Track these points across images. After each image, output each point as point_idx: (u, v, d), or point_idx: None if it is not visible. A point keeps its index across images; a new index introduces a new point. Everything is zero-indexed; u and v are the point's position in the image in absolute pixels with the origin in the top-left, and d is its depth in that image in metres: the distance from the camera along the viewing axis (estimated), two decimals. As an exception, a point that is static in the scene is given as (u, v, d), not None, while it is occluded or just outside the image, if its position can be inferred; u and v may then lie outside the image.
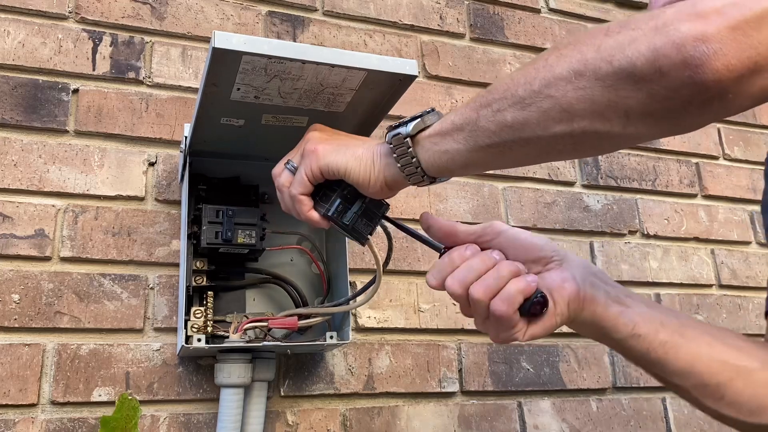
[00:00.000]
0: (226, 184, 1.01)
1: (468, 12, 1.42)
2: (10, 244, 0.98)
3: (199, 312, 0.93)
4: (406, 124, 0.64)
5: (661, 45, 0.47)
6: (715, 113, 0.49)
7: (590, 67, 0.50)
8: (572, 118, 0.52)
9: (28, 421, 0.92)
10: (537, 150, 0.57)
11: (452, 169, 0.64)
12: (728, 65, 0.45)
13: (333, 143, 0.70)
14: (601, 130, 0.52)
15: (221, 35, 0.70)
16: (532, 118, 0.54)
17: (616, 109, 0.50)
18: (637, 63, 0.48)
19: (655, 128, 0.52)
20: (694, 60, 0.45)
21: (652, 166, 1.48)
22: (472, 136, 0.59)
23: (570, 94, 0.52)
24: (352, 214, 0.72)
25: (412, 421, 1.11)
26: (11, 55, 1.05)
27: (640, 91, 0.48)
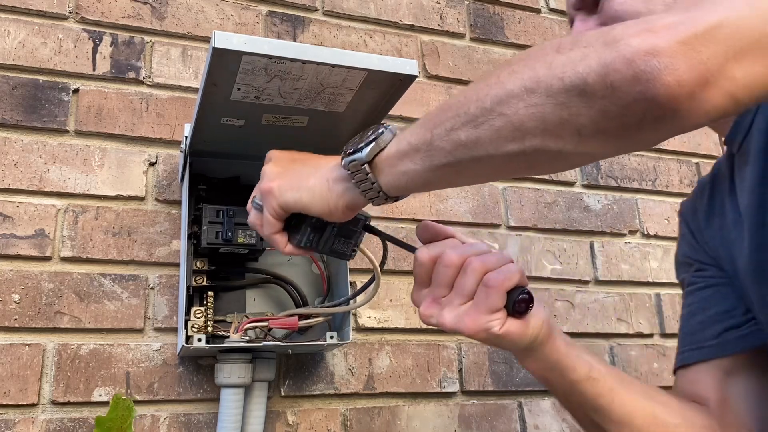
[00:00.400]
0: (226, 184, 1.01)
1: (468, 12, 1.42)
2: (10, 244, 0.98)
3: (199, 312, 0.93)
4: (360, 149, 0.62)
5: (612, 60, 0.46)
6: (669, 130, 0.48)
7: (542, 84, 0.49)
8: (524, 137, 0.51)
9: (29, 421, 0.92)
10: (492, 168, 0.56)
11: (413, 189, 0.63)
12: (679, 80, 0.44)
13: (287, 177, 0.68)
14: (553, 149, 0.51)
15: (221, 35, 0.70)
16: (485, 136, 0.53)
17: (568, 127, 0.49)
18: (588, 79, 0.47)
19: (609, 146, 0.51)
20: (645, 75, 0.44)
21: (653, 166, 1.48)
22: (428, 156, 0.58)
23: (521, 112, 0.50)
24: (325, 240, 0.71)
25: (413, 421, 1.11)
26: (11, 55, 1.05)
27: (592, 108, 0.47)
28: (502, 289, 0.61)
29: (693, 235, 0.88)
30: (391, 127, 0.63)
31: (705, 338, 0.81)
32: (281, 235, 0.70)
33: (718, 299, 0.82)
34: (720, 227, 0.82)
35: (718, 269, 0.83)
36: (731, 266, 0.80)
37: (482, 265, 0.62)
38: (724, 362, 0.79)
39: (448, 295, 0.64)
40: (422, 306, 0.65)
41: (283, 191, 0.67)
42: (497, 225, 1.29)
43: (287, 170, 0.69)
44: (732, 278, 0.81)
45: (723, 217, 0.81)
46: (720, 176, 0.85)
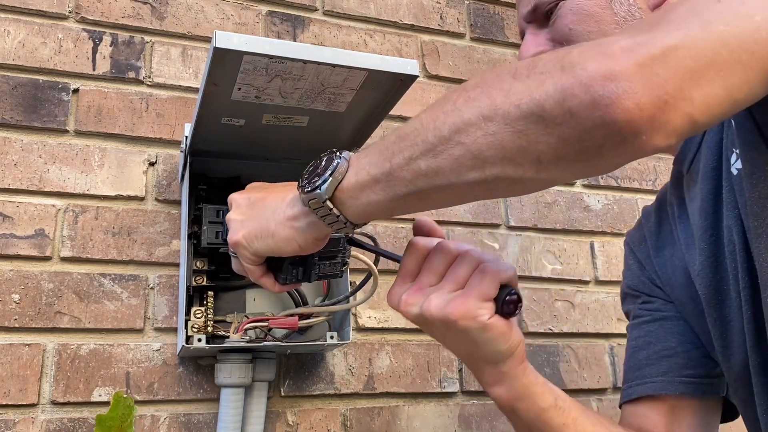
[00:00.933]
0: (226, 184, 1.01)
1: (468, 12, 1.42)
2: (10, 244, 0.98)
3: (199, 312, 0.93)
4: (318, 186, 0.59)
5: (569, 85, 0.45)
6: (630, 154, 0.47)
7: (499, 112, 0.48)
8: (484, 165, 0.50)
9: (29, 421, 0.92)
10: (454, 195, 0.56)
11: (379, 217, 0.62)
12: (638, 104, 0.43)
13: (249, 225, 0.67)
14: (513, 176, 0.50)
15: (222, 35, 0.70)
16: (444, 165, 0.52)
17: (528, 155, 0.48)
18: (546, 105, 0.46)
19: (569, 171, 0.50)
20: (603, 99, 0.44)
21: (653, 166, 1.48)
22: (390, 186, 0.56)
23: (480, 141, 0.49)
24: (310, 270, 0.71)
25: (413, 421, 1.11)
26: (11, 54, 1.05)
27: (551, 135, 0.46)
28: (497, 277, 0.60)
29: (640, 265, 0.87)
30: (344, 154, 0.61)
31: (651, 374, 0.81)
32: (267, 277, 0.70)
33: (664, 334, 0.82)
34: (671, 255, 0.82)
35: (665, 302, 0.83)
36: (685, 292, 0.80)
37: (479, 255, 0.62)
38: (669, 398, 0.80)
39: (439, 283, 0.63)
40: (405, 295, 0.63)
41: (251, 241, 0.66)
42: (497, 225, 1.29)
43: (248, 218, 0.68)
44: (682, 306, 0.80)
45: (673, 243, 0.81)
46: (666, 203, 0.84)
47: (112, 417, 0.77)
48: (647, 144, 0.45)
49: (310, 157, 0.63)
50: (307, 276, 0.71)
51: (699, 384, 0.79)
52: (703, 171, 0.71)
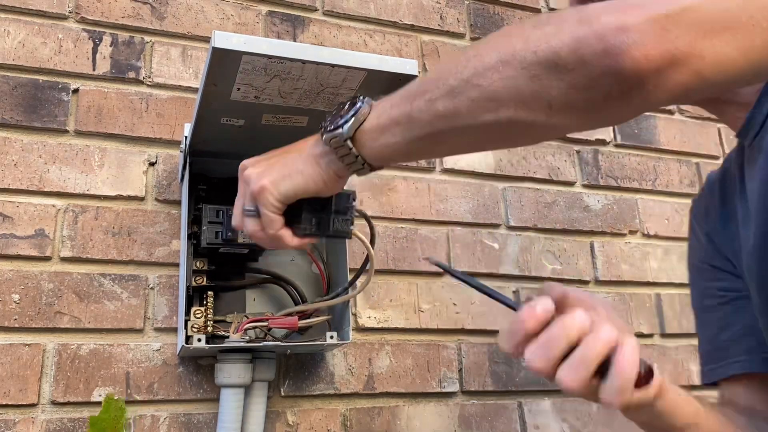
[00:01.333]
0: (226, 184, 1.00)
1: (468, 12, 1.42)
2: (10, 244, 0.98)
3: (199, 312, 0.93)
4: (341, 125, 0.63)
5: (584, 35, 0.48)
6: (635, 106, 0.50)
7: (517, 57, 0.51)
8: (498, 107, 0.53)
9: (29, 421, 0.92)
10: (470, 139, 0.59)
11: (395, 159, 0.65)
12: (647, 56, 0.46)
13: (273, 171, 0.69)
14: (526, 120, 0.53)
15: (221, 35, 0.70)
16: (461, 107, 0.55)
17: (540, 99, 0.51)
18: (561, 52, 0.49)
19: (578, 119, 0.53)
20: (614, 49, 0.47)
21: (653, 166, 1.48)
22: (408, 127, 0.60)
23: (496, 83, 0.53)
24: (326, 221, 0.72)
25: (413, 421, 1.11)
26: (11, 55, 1.05)
27: (563, 80, 0.50)
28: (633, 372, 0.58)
29: (709, 239, 0.85)
30: (367, 99, 0.65)
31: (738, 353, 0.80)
32: (286, 230, 0.71)
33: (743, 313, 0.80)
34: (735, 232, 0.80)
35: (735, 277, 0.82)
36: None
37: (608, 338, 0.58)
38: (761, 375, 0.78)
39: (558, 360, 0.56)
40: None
41: (277, 184, 0.67)
42: (497, 225, 1.29)
43: (269, 166, 0.70)
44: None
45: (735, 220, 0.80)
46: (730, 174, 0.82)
47: (104, 419, 0.78)
48: (651, 95, 0.48)
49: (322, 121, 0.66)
50: (324, 228, 0.72)
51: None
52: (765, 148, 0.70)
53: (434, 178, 1.27)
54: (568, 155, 1.40)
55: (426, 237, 1.22)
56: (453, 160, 1.29)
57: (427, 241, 1.22)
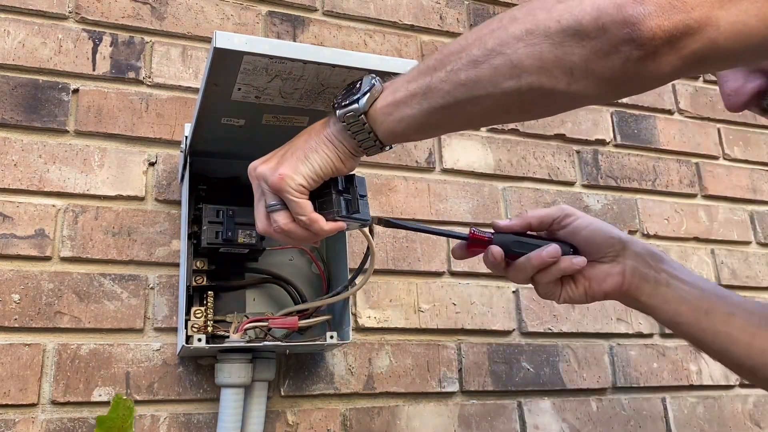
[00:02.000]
0: (226, 184, 1.01)
1: (468, 12, 1.42)
2: (10, 244, 0.98)
3: (199, 312, 0.93)
4: (356, 100, 0.65)
5: (605, 5, 0.51)
6: (651, 74, 0.52)
7: (540, 26, 0.54)
8: (521, 74, 0.56)
9: (28, 421, 0.92)
10: (489, 108, 0.60)
11: (408, 135, 0.66)
12: (660, 25, 0.49)
13: (289, 159, 0.69)
14: (547, 86, 0.55)
15: (222, 35, 0.70)
16: (484, 75, 0.57)
17: (562, 66, 0.54)
18: (583, 21, 0.52)
19: (597, 87, 0.55)
20: (632, 18, 0.50)
21: (652, 166, 1.48)
22: (426, 98, 0.61)
23: (520, 51, 0.55)
24: (353, 202, 0.73)
25: (412, 421, 1.11)
26: (11, 55, 1.05)
27: (584, 47, 0.52)
28: None
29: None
30: (377, 78, 0.67)
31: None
32: (317, 214, 0.71)
33: None
34: None
35: None
36: None
37: None
38: None
39: None
40: None
41: (296, 169, 0.68)
42: (497, 225, 1.29)
43: (281, 157, 0.70)
44: None
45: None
46: None
47: (113, 418, 0.78)
48: (666, 63, 0.51)
49: None
50: (353, 208, 0.73)
51: None
52: None
53: (434, 178, 1.27)
54: (568, 155, 1.40)
55: (426, 237, 1.22)
56: (453, 160, 1.29)
57: (426, 241, 1.22)
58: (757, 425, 1.35)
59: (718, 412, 1.33)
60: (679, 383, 1.32)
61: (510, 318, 1.23)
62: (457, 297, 1.20)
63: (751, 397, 1.37)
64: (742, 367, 0.75)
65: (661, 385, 1.30)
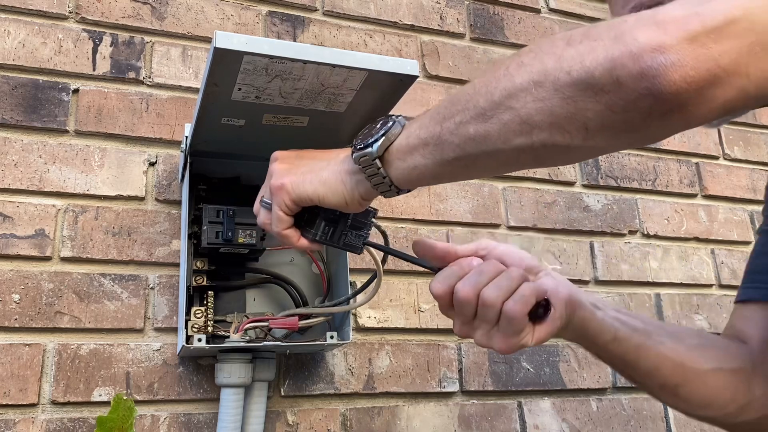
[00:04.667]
0: (226, 184, 1.01)
1: (468, 12, 1.42)
2: (10, 244, 0.98)
3: (199, 312, 0.93)
4: (371, 144, 0.62)
5: (619, 55, 0.46)
6: (675, 125, 0.48)
7: (550, 77, 0.49)
8: (531, 131, 0.51)
9: (29, 421, 0.92)
10: (500, 162, 0.57)
11: (423, 182, 0.63)
12: (686, 77, 0.44)
13: (297, 172, 0.68)
14: (560, 143, 0.51)
15: (222, 35, 0.70)
16: (493, 130, 0.53)
17: (575, 122, 0.49)
18: (595, 73, 0.47)
19: (616, 140, 0.51)
20: (651, 71, 0.44)
21: (652, 166, 1.48)
22: (438, 150, 0.58)
23: (530, 106, 0.50)
24: (339, 233, 0.72)
25: (412, 421, 1.11)
26: (11, 55, 1.05)
27: (599, 102, 0.47)
28: (522, 316, 0.63)
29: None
30: (399, 119, 0.64)
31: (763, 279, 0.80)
32: (293, 231, 0.71)
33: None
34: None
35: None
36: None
37: (497, 296, 0.63)
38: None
39: (475, 321, 0.65)
40: (455, 327, 0.68)
41: (297, 186, 0.67)
42: (497, 225, 1.29)
43: (296, 166, 0.69)
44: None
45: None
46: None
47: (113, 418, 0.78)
48: (694, 116, 0.46)
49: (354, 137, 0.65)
50: (335, 239, 0.72)
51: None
52: None
53: (434, 178, 1.27)
54: (568, 155, 1.40)
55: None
56: (453, 160, 1.29)
57: (427, 241, 1.21)
58: (758, 425, 1.35)
59: (718, 412, 1.33)
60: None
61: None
62: (457, 297, 1.20)
63: (751, 397, 1.37)
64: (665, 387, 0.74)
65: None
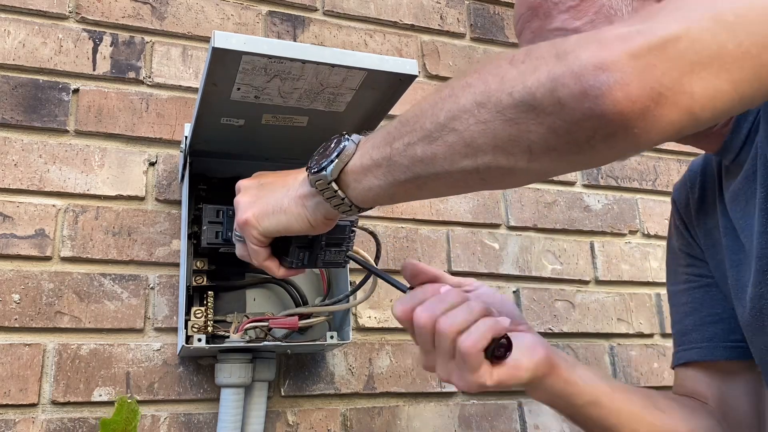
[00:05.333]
0: (226, 184, 1.00)
1: (468, 12, 1.42)
2: (10, 244, 0.98)
3: (199, 312, 0.93)
4: (324, 167, 0.60)
5: (560, 74, 0.44)
6: (622, 148, 0.46)
7: (492, 99, 0.47)
8: (476, 153, 0.49)
9: (29, 421, 0.92)
10: (449, 184, 0.55)
11: (380, 202, 0.61)
12: (629, 96, 0.42)
13: (260, 204, 0.67)
14: (505, 166, 0.49)
15: (221, 35, 0.70)
16: (439, 152, 0.52)
17: (519, 144, 0.47)
18: (537, 94, 0.45)
19: (562, 163, 0.49)
20: (594, 90, 0.42)
21: (653, 166, 1.48)
22: (390, 171, 0.56)
23: (473, 128, 0.49)
24: (316, 255, 0.72)
25: (413, 421, 1.11)
26: (11, 55, 1.05)
27: (541, 124, 0.45)
28: (476, 352, 0.59)
29: (686, 227, 0.86)
30: (353, 137, 0.62)
31: (698, 339, 0.81)
32: (271, 261, 0.71)
33: (710, 300, 0.81)
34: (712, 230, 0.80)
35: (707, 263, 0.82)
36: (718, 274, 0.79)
37: (450, 327, 0.60)
38: (719, 363, 0.79)
39: (435, 351, 0.63)
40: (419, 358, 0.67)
41: (260, 219, 0.67)
42: (497, 225, 1.29)
43: (258, 198, 0.68)
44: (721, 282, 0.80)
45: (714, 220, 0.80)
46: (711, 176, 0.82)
47: (116, 421, 0.77)
48: (640, 138, 0.44)
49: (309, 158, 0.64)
50: (313, 261, 0.72)
51: (745, 348, 0.76)
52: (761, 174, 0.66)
53: (434, 178, 1.26)
54: (568, 155, 1.40)
55: (426, 237, 1.22)
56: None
57: (427, 241, 1.22)
58: (758, 425, 1.35)
59: (718, 412, 1.33)
60: (679, 383, 1.32)
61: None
62: (458, 297, 1.20)
63: (751, 397, 1.37)
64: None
65: (662, 385, 1.30)
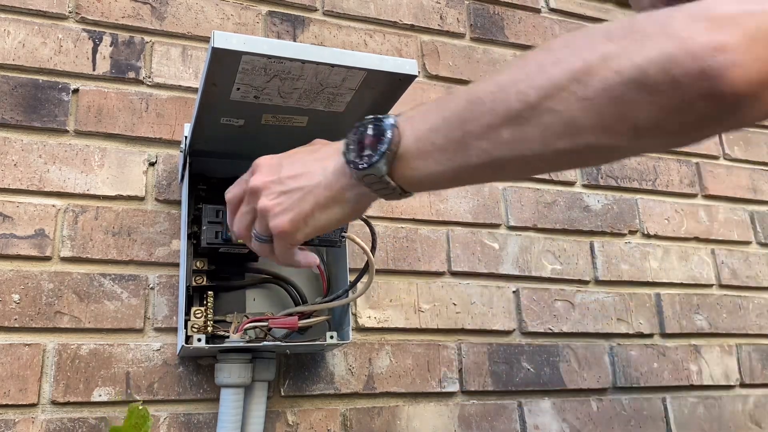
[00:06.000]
0: (226, 184, 1.00)
1: (468, 12, 1.42)
2: (10, 244, 0.98)
3: (199, 312, 0.93)
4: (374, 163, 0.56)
5: (676, 53, 0.43)
6: (727, 126, 0.46)
7: (594, 75, 0.46)
8: (577, 133, 0.48)
9: (28, 421, 0.92)
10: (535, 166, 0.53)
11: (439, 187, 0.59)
12: (746, 77, 0.42)
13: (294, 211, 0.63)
14: (606, 145, 0.48)
15: (221, 35, 0.70)
16: (532, 135, 0.49)
17: (625, 123, 0.46)
18: (649, 71, 0.44)
19: (665, 141, 0.49)
20: (713, 71, 0.42)
21: (653, 166, 1.48)
22: (460, 155, 0.53)
23: (573, 107, 0.47)
24: None
25: (413, 421, 1.11)
26: (11, 55, 1.05)
27: (652, 103, 0.45)
28: None
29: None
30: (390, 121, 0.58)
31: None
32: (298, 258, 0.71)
33: None
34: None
35: None
36: None
37: None
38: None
39: None
40: None
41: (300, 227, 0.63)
42: (497, 225, 1.29)
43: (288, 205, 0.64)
44: None
45: None
46: None
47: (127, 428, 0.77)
48: (746, 117, 0.45)
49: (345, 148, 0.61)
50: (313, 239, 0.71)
51: None
52: None
53: (434, 178, 1.26)
54: (568, 155, 1.40)
55: (426, 237, 1.22)
56: (453, 160, 1.29)
57: (426, 241, 1.22)
58: (758, 425, 1.35)
59: (718, 412, 1.33)
60: (679, 383, 1.32)
61: (510, 318, 1.23)
62: (458, 297, 1.20)
63: (751, 398, 1.37)
64: None
65: (662, 385, 1.30)
